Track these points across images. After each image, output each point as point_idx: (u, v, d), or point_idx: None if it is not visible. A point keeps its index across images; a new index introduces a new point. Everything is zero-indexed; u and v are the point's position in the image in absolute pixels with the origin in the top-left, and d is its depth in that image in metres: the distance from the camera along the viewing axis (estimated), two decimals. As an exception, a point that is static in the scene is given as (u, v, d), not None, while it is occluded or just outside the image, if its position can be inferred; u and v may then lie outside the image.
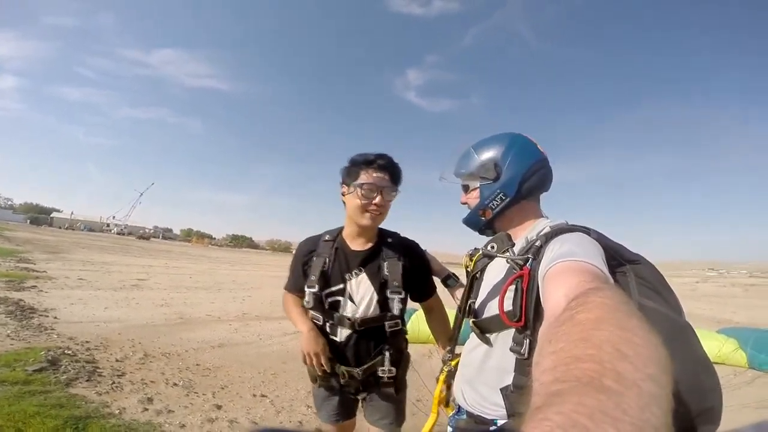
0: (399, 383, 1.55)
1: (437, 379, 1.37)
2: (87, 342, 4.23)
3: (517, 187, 1.11)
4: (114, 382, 3.20)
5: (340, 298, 1.50)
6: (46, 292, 7.02)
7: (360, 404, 1.65)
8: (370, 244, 1.55)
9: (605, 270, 0.76)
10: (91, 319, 5.42)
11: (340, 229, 1.60)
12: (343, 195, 1.52)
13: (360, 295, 1.49)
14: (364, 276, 1.50)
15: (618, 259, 0.90)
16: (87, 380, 3.15)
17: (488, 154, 1.15)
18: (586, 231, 0.94)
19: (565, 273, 0.73)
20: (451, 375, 1.34)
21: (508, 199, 1.12)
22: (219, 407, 3.02)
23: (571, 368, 0.34)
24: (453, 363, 1.35)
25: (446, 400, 1.34)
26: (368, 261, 1.52)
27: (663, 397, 0.31)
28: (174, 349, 4.47)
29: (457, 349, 1.42)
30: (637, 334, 0.37)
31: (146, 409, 2.79)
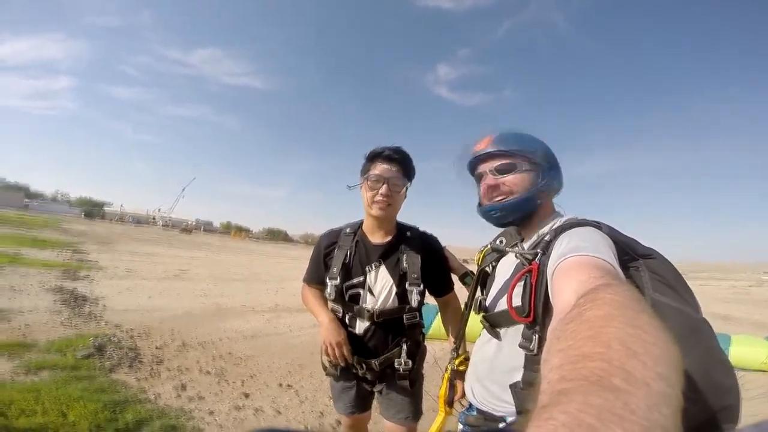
0: (415, 376, 1.57)
1: (442, 378, 1.38)
2: (131, 330, 4.53)
3: (562, 179, 1.13)
4: (152, 369, 3.41)
5: (360, 290, 1.53)
6: (97, 282, 7.56)
7: (376, 399, 1.67)
8: (389, 237, 1.57)
9: (616, 265, 0.74)
10: (136, 307, 5.79)
11: (361, 223, 1.63)
12: (360, 189, 1.56)
13: (379, 287, 1.52)
14: (383, 268, 1.53)
15: (630, 253, 0.88)
16: (129, 366, 3.38)
17: (543, 144, 1.12)
18: (597, 225, 0.92)
19: (575, 268, 0.72)
20: (455, 374, 1.36)
21: (559, 189, 1.13)
22: (247, 395, 3.15)
23: (579, 366, 0.33)
24: (457, 362, 1.36)
25: (450, 400, 1.34)
26: (388, 254, 1.55)
27: (673, 396, 0.30)
28: (209, 338, 4.69)
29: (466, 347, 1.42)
30: (648, 331, 0.36)
31: (179, 396, 2.96)
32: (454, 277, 1.63)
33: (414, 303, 1.50)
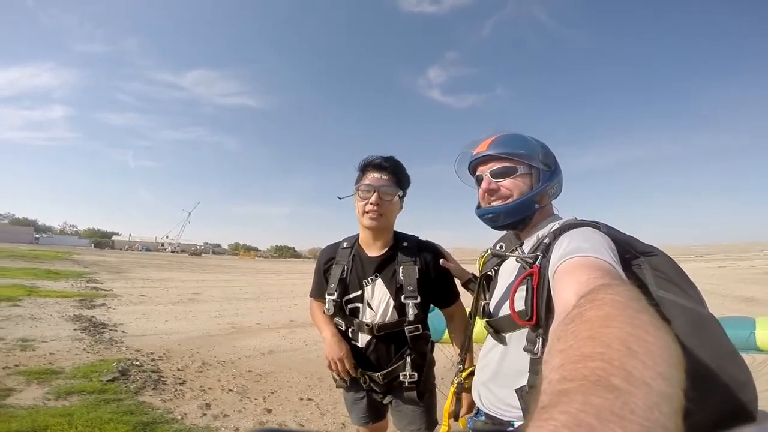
0: (422, 388, 1.52)
1: (450, 392, 1.34)
2: (152, 353, 4.61)
3: (562, 181, 1.15)
4: (176, 390, 3.48)
5: (359, 305, 1.51)
6: (113, 309, 7.69)
7: (389, 410, 1.64)
8: (385, 249, 1.54)
9: (616, 265, 0.73)
10: (154, 331, 5.89)
11: (358, 236, 1.60)
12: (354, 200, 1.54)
13: (377, 301, 1.49)
14: (379, 282, 1.50)
15: (631, 251, 0.88)
16: (153, 388, 3.45)
17: (544, 147, 1.13)
18: (596, 225, 0.92)
19: (575, 270, 0.71)
20: (461, 387, 1.32)
21: (558, 192, 1.13)
22: (269, 411, 3.20)
23: (579, 367, 0.33)
24: (463, 375, 1.32)
25: (456, 414, 1.31)
26: (383, 266, 1.51)
27: (674, 396, 0.30)
28: (228, 357, 4.76)
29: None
30: (648, 330, 0.37)
31: (205, 414, 3.02)
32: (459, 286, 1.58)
33: (410, 316, 1.45)
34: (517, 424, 0.98)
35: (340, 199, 1.55)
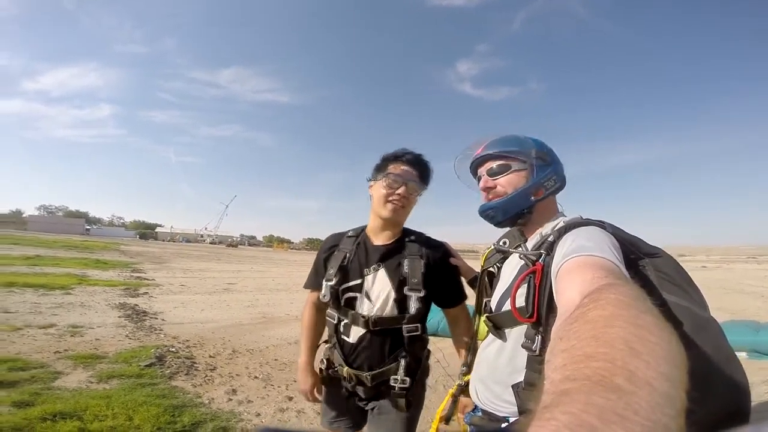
0: (412, 397, 1.43)
1: (448, 393, 1.34)
2: (187, 340, 4.90)
3: (563, 176, 1.14)
4: (206, 376, 3.70)
5: (357, 295, 1.44)
6: (155, 298, 8.17)
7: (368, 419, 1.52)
8: (392, 240, 1.51)
9: (620, 265, 0.73)
10: (190, 320, 6.22)
11: (365, 227, 1.59)
12: (370, 188, 1.52)
13: (377, 292, 1.42)
14: (382, 272, 1.44)
15: (636, 252, 0.88)
16: (186, 374, 3.68)
17: (537, 143, 1.14)
18: (601, 225, 0.92)
19: (579, 268, 0.71)
20: (460, 390, 1.30)
21: (557, 185, 1.12)
22: (290, 399, 3.35)
23: (582, 367, 0.33)
24: (466, 378, 1.29)
25: (447, 417, 1.29)
26: (388, 256, 1.46)
27: (676, 396, 0.30)
28: (257, 345, 4.99)
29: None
30: (652, 331, 0.36)
31: (230, 400, 3.20)
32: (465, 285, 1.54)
33: (412, 310, 1.39)
34: (512, 419, 0.99)
35: (369, 180, 1.55)
